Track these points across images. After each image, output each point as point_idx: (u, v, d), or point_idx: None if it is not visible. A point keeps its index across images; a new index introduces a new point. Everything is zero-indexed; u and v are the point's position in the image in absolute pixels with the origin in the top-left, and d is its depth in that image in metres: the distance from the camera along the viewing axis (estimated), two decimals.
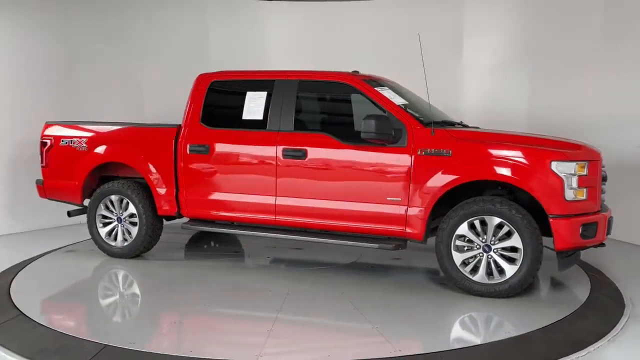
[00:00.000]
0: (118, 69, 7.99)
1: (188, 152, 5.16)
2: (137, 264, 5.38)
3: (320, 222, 4.84)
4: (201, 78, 5.37)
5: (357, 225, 4.73)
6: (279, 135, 4.88)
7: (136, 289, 4.94)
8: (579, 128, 6.87)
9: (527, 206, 4.38)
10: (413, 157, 4.50)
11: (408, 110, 4.79)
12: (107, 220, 5.53)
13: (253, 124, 5.02)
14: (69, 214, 5.86)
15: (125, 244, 5.44)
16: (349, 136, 4.77)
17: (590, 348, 3.51)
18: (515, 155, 4.33)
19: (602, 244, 4.53)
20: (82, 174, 5.51)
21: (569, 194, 4.22)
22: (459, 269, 4.41)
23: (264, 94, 5.02)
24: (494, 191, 4.63)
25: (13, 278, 4.81)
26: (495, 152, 4.39)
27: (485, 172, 4.38)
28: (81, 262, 5.47)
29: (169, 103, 8.21)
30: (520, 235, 4.21)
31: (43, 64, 7.21)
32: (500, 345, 3.50)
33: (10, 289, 4.52)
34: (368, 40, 8.72)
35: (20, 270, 5.10)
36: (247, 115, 5.04)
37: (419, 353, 3.39)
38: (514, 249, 4.27)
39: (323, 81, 5.15)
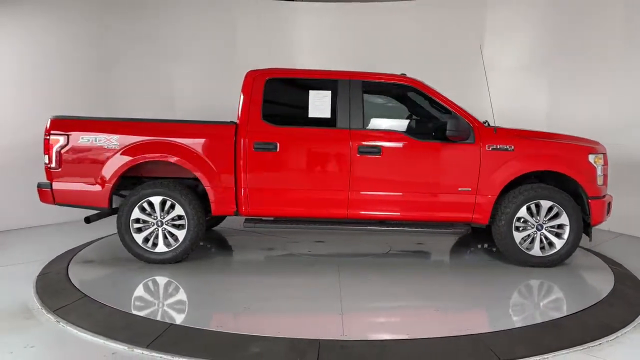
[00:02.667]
0: (148, 69, 8.25)
1: (254, 149, 5.08)
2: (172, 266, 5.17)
3: (394, 213, 5.21)
4: (254, 75, 5.27)
5: (429, 214, 5.21)
6: (352, 132, 5.11)
7: (195, 277, 4.92)
8: (599, 128, 7.10)
9: None
10: (481, 152, 5.11)
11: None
12: (139, 225, 5.11)
13: (320, 121, 5.16)
14: (88, 220, 5.27)
15: (170, 248, 5.10)
16: (417, 133, 5.20)
17: (618, 333, 3.78)
18: (563, 149, 5.28)
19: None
20: (113, 174, 5.03)
21: (598, 180, 5.23)
22: (518, 246, 5.17)
23: (328, 92, 5.17)
24: (530, 180, 5.36)
25: (68, 264, 5.11)
26: (548, 147, 5.26)
27: (543, 164, 5.19)
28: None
29: (198, 100, 8.56)
30: (568, 215, 5.13)
31: (75, 65, 7.45)
32: (535, 329, 3.78)
33: (69, 274, 4.82)
34: (391, 41, 8.96)
35: (73, 257, 5.39)
36: (313, 113, 5.16)
37: (463, 334, 3.64)
38: (560, 226, 5.20)
39: (387, 82, 5.39)
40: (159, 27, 8.36)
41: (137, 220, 5.11)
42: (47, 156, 5.10)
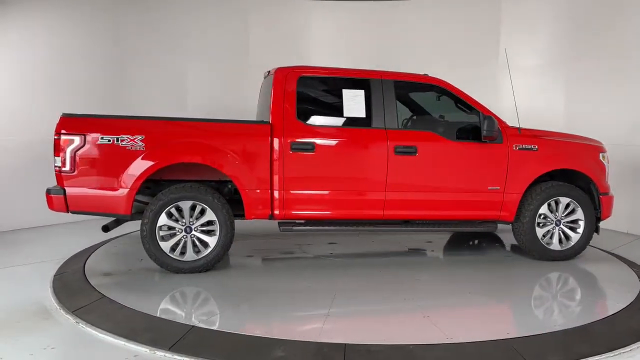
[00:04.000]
0: (160, 66, 8.22)
1: (291, 150, 4.85)
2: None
3: (428, 212, 5.23)
4: (285, 72, 5.02)
5: (461, 212, 5.31)
6: (389, 132, 5.04)
7: (216, 281, 4.72)
8: (617, 128, 7.03)
9: None
10: (509, 151, 5.26)
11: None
12: (165, 232, 4.71)
13: (355, 121, 5.04)
14: (107, 228, 4.95)
15: (200, 255, 4.77)
16: (449, 133, 5.26)
17: None
18: (580, 149, 5.62)
19: None
20: (137, 178, 4.59)
21: (606, 178, 5.60)
22: (540, 241, 5.40)
23: (361, 92, 5.04)
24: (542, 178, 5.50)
25: (84, 264, 5.04)
26: (567, 147, 5.58)
27: (564, 162, 5.46)
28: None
29: (210, 98, 8.51)
30: (583, 211, 5.42)
31: (87, 62, 7.42)
32: (564, 334, 3.68)
33: (85, 274, 4.75)
34: (405, 39, 8.90)
35: (88, 256, 5.32)
36: (348, 112, 5.02)
37: (493, 339, 3.55)
38: (574, 221, 5.47)
39: (416, 82, 5.38)
40: (172, 24, 8.33)
41: (163, 227, 4.70)
42: (58, 158, 4.52)
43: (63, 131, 4.53)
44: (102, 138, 4.57)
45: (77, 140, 4.53)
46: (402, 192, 5.10)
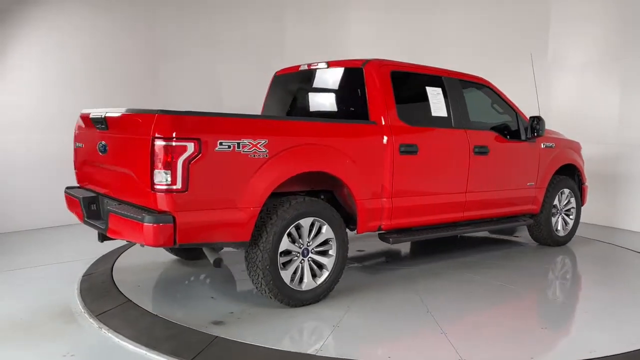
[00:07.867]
0: (197, 64, 8.17)
1: (400, 153, 4.35)
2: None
3: (492, 211, 5.39)
4: (377, 66, 4.41)
5: (512, 208, 5.62)
6: (468, 133, 4.94)
7: (246, 289, 4.39)
8: None
9: None
10: (540, 149, 5.72)
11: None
12: (285, 259, 3.86)
13: (440, 121, 4.75)
14: (218, 263, 3.77)
15: (319, 281, 4.02)
16: (506, 133, 5.36)
17: None
18: (574, 145, 6.34)
19: None
20: (263, 195, 3.62)
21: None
22: (552, 229, 6.08)
23: (439, 90, 4.79)
24: None
25: (113, 265, 4.96)
26: (569, 144, 6.25)
27: (570, 159, 6.12)
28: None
29: (245, 97, 8.38)
30: (576, 199, 6.26)
31: (121, 59, 7.43)
32: (628, 356, 3.32)
33: (113, 276, 4.65)
34: (445, 37, 8.56)
35: (117, 257, 5.25)
36: (435, 111, 4.70)
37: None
38: (569, 209, 6.28)
39: (472, 82, 5.27)
40: (207, 22, 8.28)
41: (282, 253, 3.82)
42: (163, 173, 3.24)
43: (158, 135, 3.24)
44: (221, 144, 3.42)
45: (190, 147, 3.27)
46: (477, 193, 5.08)
